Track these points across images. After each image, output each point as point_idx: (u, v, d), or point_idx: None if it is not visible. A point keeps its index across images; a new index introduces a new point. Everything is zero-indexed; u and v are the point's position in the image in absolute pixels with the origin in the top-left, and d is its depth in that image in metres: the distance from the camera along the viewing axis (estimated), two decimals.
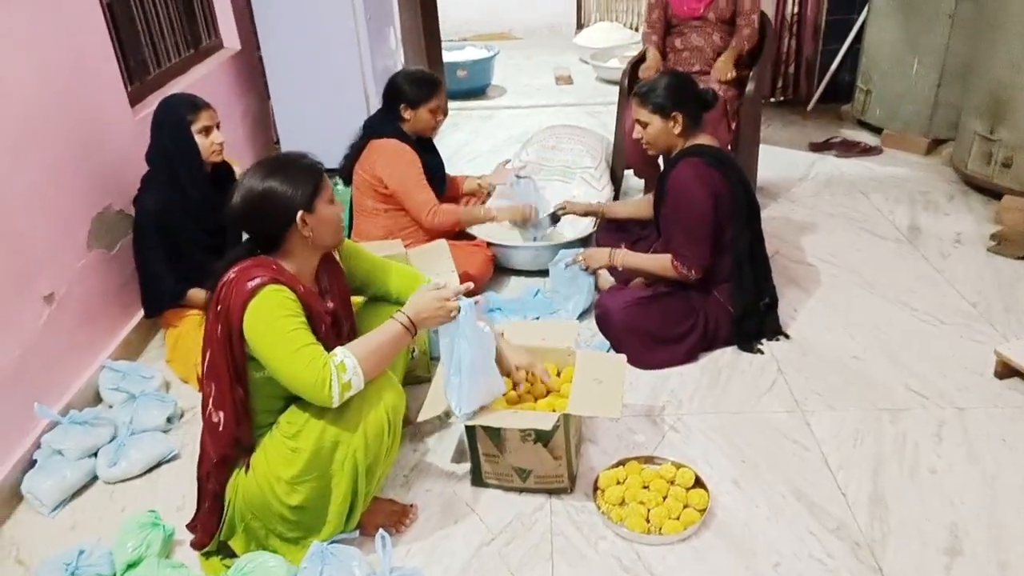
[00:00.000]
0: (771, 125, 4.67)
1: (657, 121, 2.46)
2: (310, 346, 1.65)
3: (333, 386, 1.63)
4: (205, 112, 2.49)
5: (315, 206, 1.73)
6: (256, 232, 1.76)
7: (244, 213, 1.72)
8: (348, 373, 1.64)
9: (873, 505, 1.95)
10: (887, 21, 4.16)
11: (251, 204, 1.71)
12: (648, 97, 2.47)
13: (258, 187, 1.70)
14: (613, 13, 7.47)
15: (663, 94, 2.45)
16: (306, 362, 1.62)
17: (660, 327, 2.51)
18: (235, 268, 1.70)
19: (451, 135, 4.90)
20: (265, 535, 1.82)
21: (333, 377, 1.62)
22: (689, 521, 1.89)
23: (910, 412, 2.27)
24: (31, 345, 2.23)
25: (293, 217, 1.70)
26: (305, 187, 1.72)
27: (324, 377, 1.62)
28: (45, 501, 2.07)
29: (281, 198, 1.70)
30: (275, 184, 1.70)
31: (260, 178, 1.71)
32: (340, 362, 1.65)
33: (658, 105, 2.45)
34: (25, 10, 2.31)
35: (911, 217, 3.48)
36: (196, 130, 2.47)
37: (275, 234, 1.74)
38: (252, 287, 1.64)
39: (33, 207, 2.29)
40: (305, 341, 1.65)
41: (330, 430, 1.71)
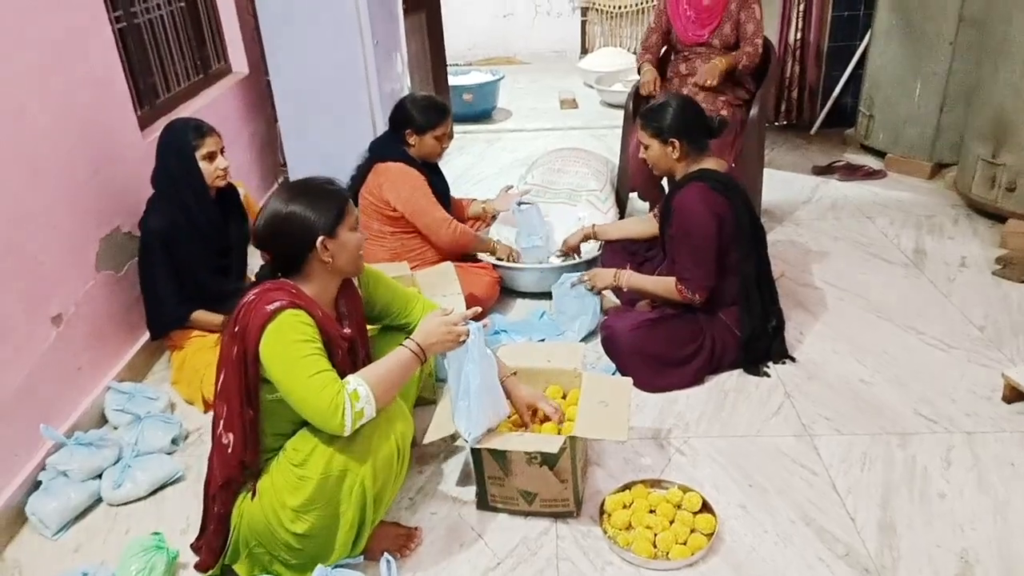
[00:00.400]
0: (775, 148, 4.69)
1: (656, 145, 2.49)
2: (325, 372, 1.64)
3: (346, 414, 1.61)
4: (210, 138, 2.51)
5: (337, 232, 1.74)
6: (278, 254, 1.77)
7: (267, 234, 1.74)
8: (361, 402, 1.64)
9: (882, 531, 1.93)
10: (889, 46, 4.20)
11: (274, 226, 1.72)
12: (649, 121, 2.50)
13: (283, 210, 1.72)
14: (617, 39, 7.54)
15: (664, 119, 2.46)
16: (319, 388, 1.61)
17: (666, 349, 2.51)
18: (255, 290, 1.71)
19: (457, 158, 4.93)
20: (269, 561, 1.81)
21: (346, 405, 1.61)
22: (696, 546, 1.87)
23: (919, 437, 2.25)
24: (38, 366, 2.24)
25: (314, 241, 1.71)
26: (329, 212, 1.73)
27: (338, 404, 1.61)
28: (49, 523, 2.07)
29: (303, 221, 1.71)
30: (299, 208, 1.71)
31: (285, 201, 1.72)
32: (353, 390, 1.64)
33: (657, 129, 2.47)
34: (41, 34, 2.34)
35: (916, 241, 3.48)
36: (200, 156, 2.49)
37: (296, 257, 1.75)
38: (271, 310, 1.65)
39: (45, 228, 2.31)
40: (320, 367, 1.64)
41: (338, 459, 1.70)
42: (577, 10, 7.61)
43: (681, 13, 3.45)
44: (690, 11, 3.44)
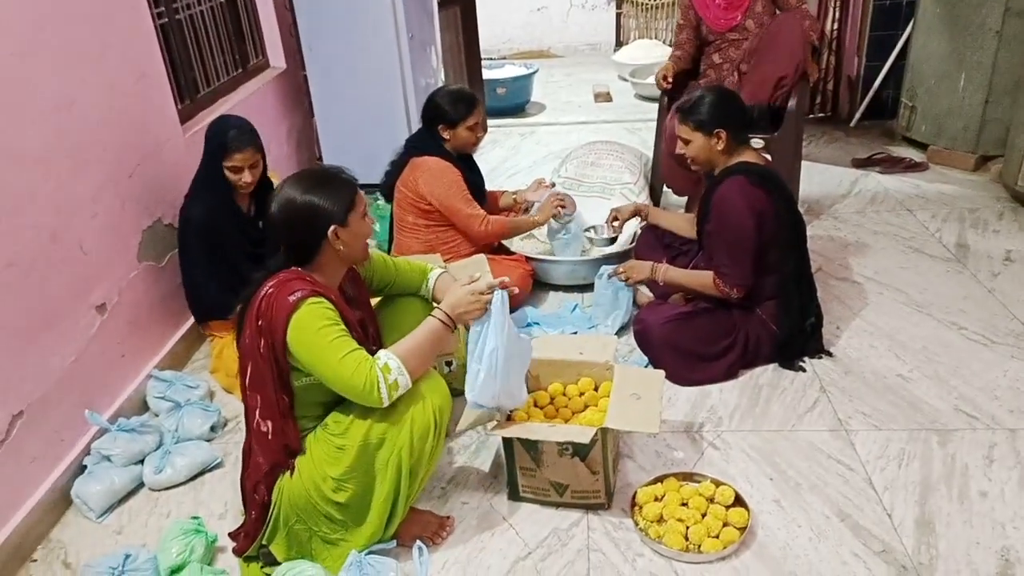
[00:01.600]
0: (813, 141, 4.61)
1: (699, 138, 2.43)
2: (355, 352, 1.69)
3: (381, 388, 1.67)
4: (239, 154, 2.51)
5: (349, 220, 1.78)
6: (291, 242, 1.80)
7: (281, 223, 1.77)
8: (393, 373, 1.69)
9: (920, 528, 1.90)
10: (932, 37, 4.10)
11: (289, 215, 1.76)
12: (690, 114, 2.44)
13: (297, 199, 1.75)
14: (652, 31, 7.48)
15: (706, 110, 2.41)
16: (353, 368, 1.67)
17: (699, 343, 2.49)
18: (272, 282, 1.74)
19: (491, 151, 4.94)
20: (308, 537, 1.85)
21: (379, 379, 1.67)
22: (729, 540, 1.86)
23: (959, 434, 2.21)
24: (83, 353, 2.30)
25: (327, 230, 1.75)
26: (341, 201, 1.77)
27: (372, 380, 1.67)
28: (93, 506, 2.13)
29: (318, 210, 1.74)
30: (313, 197, 1.74)
31: (299, 190, 1.75)
32: (384, 364, 1.69)
33: (699, 122, 2.42)
34: (89, 30, 2.40)
35: (959, 235, 3.41)
36: (227, 166, 2.52)
37: (309, 245, 1.78)
38: (294, 301, 1.69)
39: (89, 219, 2.37)
40: (349, 347, 1.69)
41: (377, 427, 1.75)
42: (612, 2, 7.56)
43: (710, 2, 3.40)
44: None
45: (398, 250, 3.05)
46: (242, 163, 2.53)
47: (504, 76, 5.79)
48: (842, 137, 4.73)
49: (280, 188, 1.79)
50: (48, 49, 2.22)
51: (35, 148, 2.15)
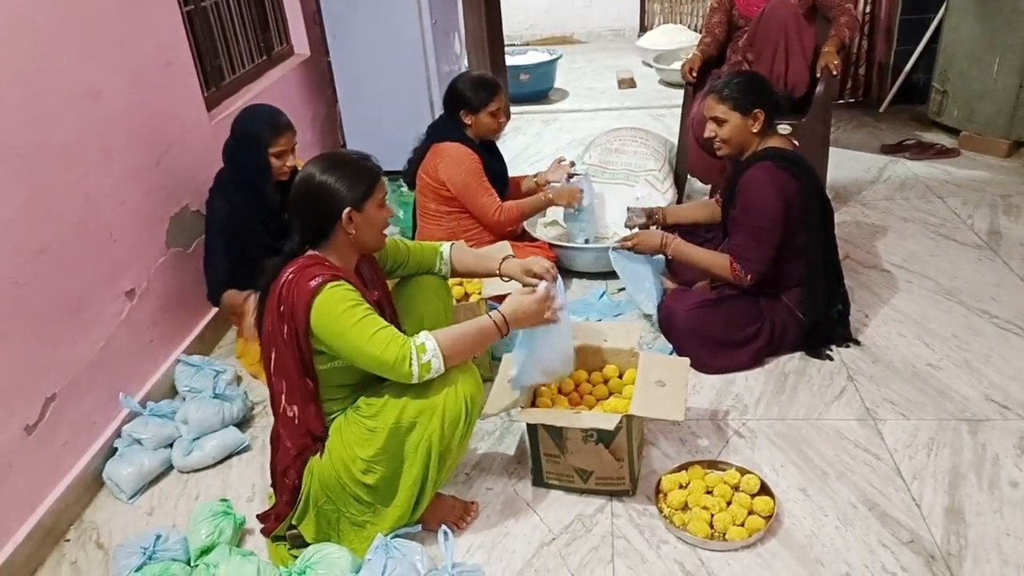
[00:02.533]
0: (841, 127, 4.54)
1: (736, 118, 2.39)
2: (384, 328, 1.71)
3: (413, 363, 1.68)
4: (284, 136, 2.50)
5: (364, 206, 1.78)
6: (305, 222, 1.81)
7: (298, 200, 1.79)
8: (428, 354, 1.70)
9: (949, 518, 1.88)
10: (965, 20, 4.01)
11: (305, 193, 1.77)
12: (726, 93, 2.39)
13: (316, 177, 1.76)
14: (677, 15, 7.39)
15: (743, 90, 2.38)
16: (385, 343, 1.68)
17: (725, 331, 2.47)
18: (292, 268, 1.75)
19: (513, 138, 4.92)
20: (337, 518, 1.87)
21: (413, 355, 1.68)
22: (754, 528, 1.85)
23: (990, 423, 2.17)
24: (112, 338, 2.34)
25: (340, 212, 1.75)
26: (359, 186, 1.77)
27: (404, 354, 1.68)
28: (124, 487, 2.17)
29: (334, 192, 1.75)
30: (331, 178, 1.75)
31: (320, 170, 1.76)
32: (420, 344, 1.70)
33: (738, 102, 2.37)
34: (116, 19, 2.43)
35: (991, 221, 3.34)
36: (272, 152, 2.49)
37: (323, 226, 1.78)
38: (315, 285, 1.70)
39: (118, 206, 2.40)
40: (378, 325, 1.71)
41: (409, 411, 1.76)
42: None
43: None
44: None
45: (421, 236, 3.06)
46: (286, 146, 2.52)
47: (527, 62, 5.77)
48: (871, 122, 4.66)
49: (304, 166, 1.80)
50: (76, 38, 2.24)
51: (64, 137, 2.18)
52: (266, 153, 2.49)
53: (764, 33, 3.15)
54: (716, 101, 2.42)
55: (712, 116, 2.44)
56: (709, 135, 2.47)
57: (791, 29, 3.12)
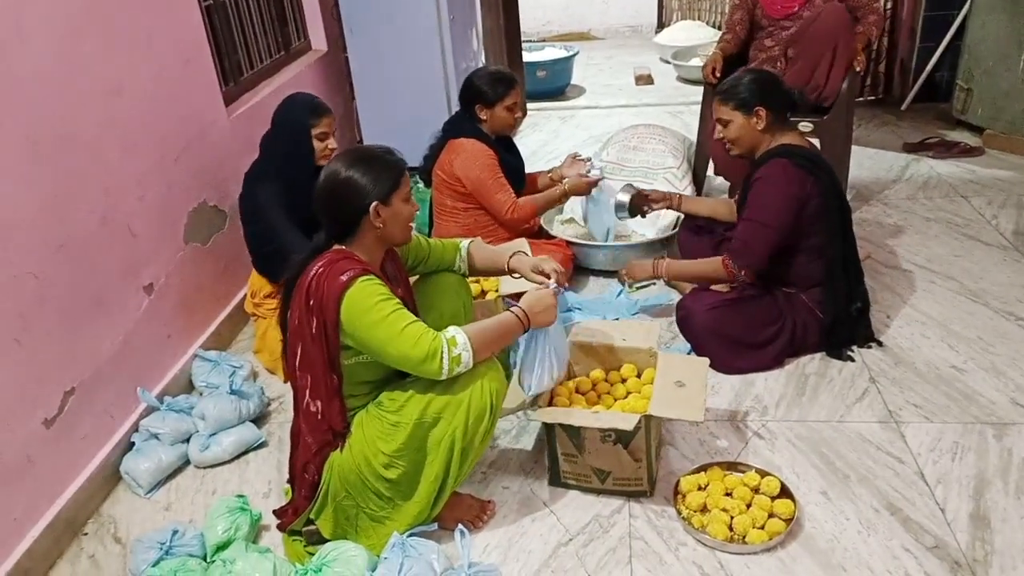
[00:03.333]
0: (862, 125, 4.49)
1: (739, 118, 2.39)
2: (415, 323, 1.71)
3: (444, 357, 1.68)
4: (326, 119, 2.53)
5: (391, 200, 1.78)
6: (332, 217, 1.81)
7: (324, 196, 1.79)
8: (459, 348, 1.70)
9: (975, 524, 1.84)
10: (991, 16, 3.94)
11: (331, 189, 1.77)
12: (729, 94, 2.40)
13: (341, 173, 1.76)
14: (695, 11, 7.32)
15: (744, 89, 2.38)
16: (416, 338, 1.68)
17: (744, 331, 2.44)
18: (322, 262, 1.75)
19: (531, 135, 4.91)
20: (356, 513, 1.86)
21: (444, 349, 1.69)
22: (775, 531, 1.83)
23: (1016, 427, 2.13)
24: (131, 333, 2.34)
25: (368, 206, 1.75)
26: (385, 180, 1.77)
27: (436, 348, 1.68)
28: (142, 482, 2.17)
29: (360, 187, 1.75)
30: (357, 173, 1.75)
31: (345, 165, 1.76)
32: (451, 337, 1.71)
33: (740, 101, 2.38)
34: (137, 15, 2.43)
35: (1017, 222, 3.28)
36: (315, 134, 2.51)
37: (349, 222, 1.79)
38: (346, 280, 1.70)
39: (137, 201, 2.40)
40: (409, 319, 1.71)
41: (434, 406, 1.76)
42: None
43: None
44: None
45: (438, 233, 3.05)
46: (328, 128, 2.53)
47: (544, 59, 5.74)
48: (893, 121, 4.60)
49: (329, 162, 1.80)
50: (98, 34, 2.24)
51: (86, 132, 2.18)
52: (310, 137, 2.51)
53: (813, 36, 3.11)
54: (720, 103, 2.43)
55: (718, 118, 2.45)
56: (718, 136, 2.47)
57: (841, 40, 3.09)
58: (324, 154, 2.53)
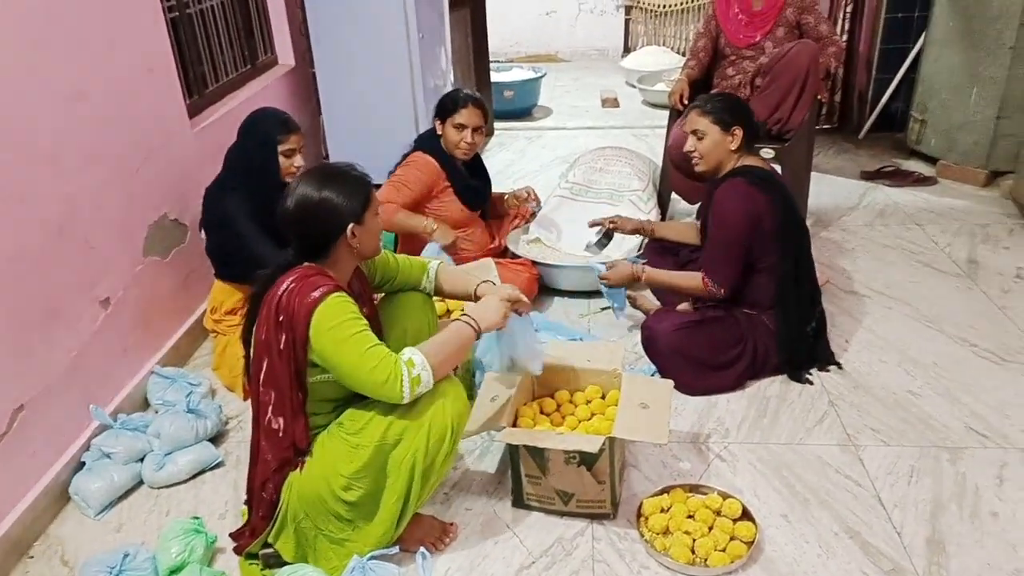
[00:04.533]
0: (821, 152, 4.59)
1: (716, 133, 2.43)
2: (378, 346, 1.69)
3: (404, 381, 1.67)
4: (294, 135, 2.51)
5: (364, 218, 1.78)
6: (306, 238, 1.79)
7: (298, 219, 1.76)
8: (417, 368, 1.68)
9: (931, 548, 1.87)
10: (945, 50, 4.08)
11: (306, 212, 1.74)
12: (709, 108, 2.45)
13: (315, 196, 1.73)
14: (661, 37, 7.46)
15: (726, 107, 2.44)
16: (377, 361, 1.66)
17: (708, 352, 2.47)
18: (292, 277, 1.72)
19: (497, 154, 4.92)
20: (315, 536, 1.82)
21: (404, 372, 1.67)
22: (736, 554, 1.84)
23: (970, 452, 2.18)
24: (86, 347, 2.28)
25: (345, 227, 1.74)
26: (357, 199, 1.77)
27: (396, 373, 1.66)
28: (92, 503, 2.10)
29: (336, 208, 1.74)
30: (331, 194, 1.74)
31: (316, 187, 1.74)
32: (408, 359, 1.69)
33: (721, 116, 2.43)
34: (99, 24, 2.38)
35: (969, 250, 3.38)
36: (282, 151, 2.49)
37: (325, 243, 1.77)
38: (318, 296, 1.68)
39: (96, 213, 2.35)
40: (373, 341, 1.70)
41: (395, 427, 1.74)
42: (621, 8, 7.55)
43: (732, 16, 3.42)
44: (741, 15, 3.40)
45: (403, 248, 3.03)
46: (296, 145, 2.51)
47: (512, 79, 5.78)
48: (851, 149, 4.72)
49: (294, 186, 1.77)
50: (59, 42, 2.20)
51: (44, 141, 2.13)
52: (276, 153, 2.48)
53: (784, 68, 3.17)
54: (699, 114, 2.47)
55: (693, 129, 2.48)
56: (689, 149, 2.50)
57: (811, 76, 3.16)
58: (289, 171, 2.51)
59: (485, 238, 3.16)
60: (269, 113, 2.56)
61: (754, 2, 3.38)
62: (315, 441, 1.81)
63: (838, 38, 3.33)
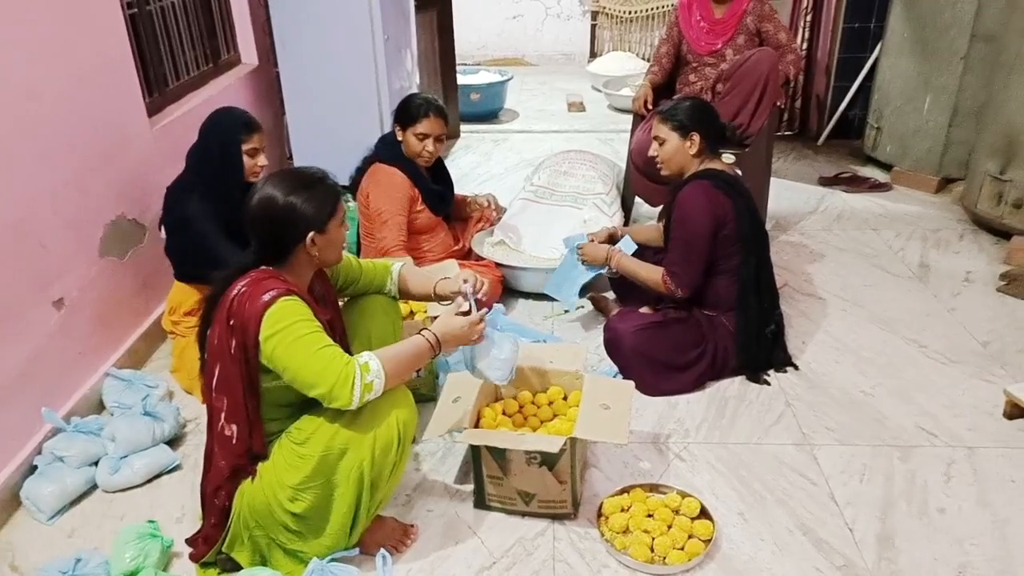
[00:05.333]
0: (781, 158, 4.68)
1: (675, 139, 2.50)
2: (330, 347, 1.67)
3: (356, 384, 1.63)
4: (257, 135, 2.48)
5: (328, 228, 1.76)
6: (265, 241, 1.77)
7: (260, 219, 1.74)
8: (371, 374, 1.66)
9: (881, 544, 1.92)
10: (900, 60, 4.19)
11: (269, 213, 1.72)
12: (670, 114, 2.52)
13: (279, 199, 1.71)
14: (626, 43, 7.53)
15: (685, 113, 2.50)
16: (328, 360, 1.64)
17: (669, 353, 2.50)
18: (245, 281, 1.70)
19: (463, 156, 4.93)
20: (268, 545, 1.80)
21: (356, 376, 1.64)
22: (694, 552, 1.86)
23: (920, 450, 2.24)
24: (38, 349, 2.23)
25: (305, 234, 1.73)
26: (324, 208, 1.75)
27: (348, 374, 1.63)
28: (44, 508, 2.05)
29: (299, 215, 1.72)
30: (296, 200, 1.72)
31: (284, 191, 1.72)
32: (365, 363, 1.67)
33: (678, 123, 2.49)
34: (57, 20, 2.34)
35: (921, 254, 3.48)
36: (246, 150, 2.45)
37: (284, 248, 1.75)
38: (268, 299, 1.66)
39: (52, 213, 2.30)
40: (325, 342, 1.67)
41: (340, 436, 1.71)
42: (587, 14, 7.61)
43: (694, 24, 3.47)
44: (703, 23, 3.45)
45: (366, 253, 3.02)
46: (260, 144, 2.48)
47: (478, 82, 5.78)
48: (810, 155, 4.81)
49: (263, 184, 1.75)
50: (14, 38, 2.15)
51: None
52: (240, 153, 2.44)
53: (744, 75, 3.21)
54: (660, 121, 2.54)
55: (655, 135, 2.55)
56: (652, 154, 2.57)
57: (771, 83, 3.21)
58: (254, 171, 2.48)
59: (449, 240, 3.17)
60: (231, 112, 2.53)
61: (715, 10, 3.43)
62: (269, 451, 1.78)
63: (797, 46, 3.40)
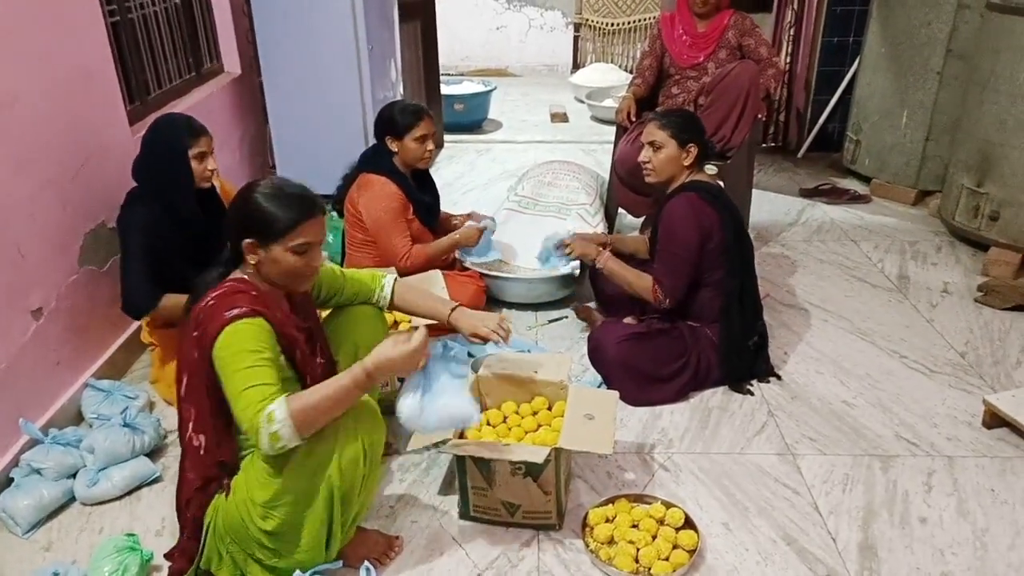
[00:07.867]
0: (762, 170, 4.73)
1: (672, 147, 2.49)
2: (257, 388, 1.57)
3: (262, 435, 1.54)
4: (203, 138, 2.44)
5: (271, 246, 1.68)
6: (228, 236, 1.74)
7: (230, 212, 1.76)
8: (276, 424, 1.53)
9: (863, 553, 1.94)
10: (877, 75, 4.26)
11: (234, 207, 1.73)
12: (668, 122, 2.50)
13: (249, 196, 1.70)
14: (609, 55, 7.59)
15: (686, 123, 2.50)
16: (246, 404, 1.56)
17: (653, 364, 2.51)
18: (216, 292, 1.67)
19: (447, 167, 4.93)
20: (244, 561, 1.77)
21: (262, 426, 1.54)
22: (678, 562, 1.86)
23: (900, 460, 2.27)
24: (15, 359, 2.19)
25: (243, 238, 1.68)
26: (274, 223, 1.67)
27: (256, 425, 1.54)
28: (20, 521, 2.02)
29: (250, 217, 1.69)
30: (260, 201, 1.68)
31: (263, 189, 1.70)
32: (270, 412, 1.54)
33: (678, 132, 2.48)
34: (34, 24, 2.31)
35: (900, 266, 3.52)
36: (192, 155, 2.41)
37: (236, 248, 1.72)
38: (229, 317, 1.61)
39: (30, 220, 2.27)
40: (253, 382, 1.57)
41: (304, 453, 1.65)
42: (570, 25, 7.66)
43: (676, 38, 3.51)
44: (685, 36, 3.49)
45: (349, 264, 3.01)
46: (207, 147, 2.44)
47: (462, 92, 5.80)
48: (791, 167, 4.87)
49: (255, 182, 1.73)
50: None
51: None
52: (187, 159, 2.40)
53: (726, 88, 3.25)
54: (657, 127, 2.51)
55: (650, 140, 2.53)
56: (643, 159, 2.55)
57: (752, 97, 3.24)
58: (204, 175, 2.45)
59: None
60: (173, 118, 2.48)
61: (698, 24, 3.47)
62: (243, 463, 1.75)
63: (778, 60, 3.45)
